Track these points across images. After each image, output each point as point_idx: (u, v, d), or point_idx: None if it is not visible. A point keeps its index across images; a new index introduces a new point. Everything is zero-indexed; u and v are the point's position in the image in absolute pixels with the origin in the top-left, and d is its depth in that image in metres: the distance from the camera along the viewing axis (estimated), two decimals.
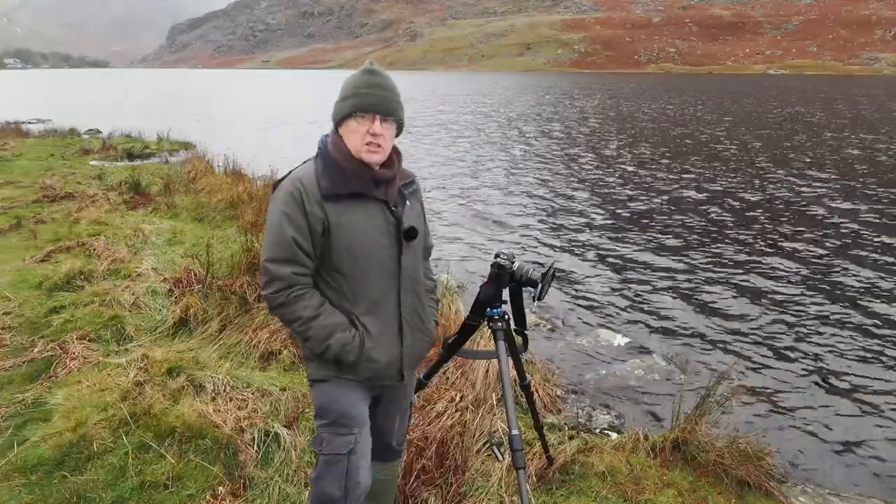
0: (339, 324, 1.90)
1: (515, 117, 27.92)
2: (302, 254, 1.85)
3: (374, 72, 1.91)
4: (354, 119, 1.88)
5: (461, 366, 3.76)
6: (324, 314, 1.89)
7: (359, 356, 1.93)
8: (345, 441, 1.95)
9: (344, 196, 1.87)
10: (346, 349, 1.90)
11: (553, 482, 2.97)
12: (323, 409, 1.98)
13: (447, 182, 12.70)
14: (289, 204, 1.84)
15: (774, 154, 15.95)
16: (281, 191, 1.88)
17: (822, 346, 5.21)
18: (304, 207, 1.83)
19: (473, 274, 6.75)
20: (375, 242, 1.91)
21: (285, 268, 1.85)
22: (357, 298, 1.93)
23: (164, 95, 51.63)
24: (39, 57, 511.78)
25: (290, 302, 1.87)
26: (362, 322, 1.93)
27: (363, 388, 2.02)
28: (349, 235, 1.87)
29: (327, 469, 1.95)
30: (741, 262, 7.39)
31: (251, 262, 4.98)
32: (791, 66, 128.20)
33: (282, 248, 1.84)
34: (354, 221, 1.88)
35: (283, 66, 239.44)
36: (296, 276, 1.86)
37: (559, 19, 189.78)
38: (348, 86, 1.91)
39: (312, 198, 1.84)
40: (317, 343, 1.89)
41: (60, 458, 2.83)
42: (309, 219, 1.84)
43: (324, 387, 1.98)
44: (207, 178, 10.02)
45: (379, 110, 1.88)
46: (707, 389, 3.35)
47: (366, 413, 2.03)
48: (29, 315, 4.47)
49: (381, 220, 1.93)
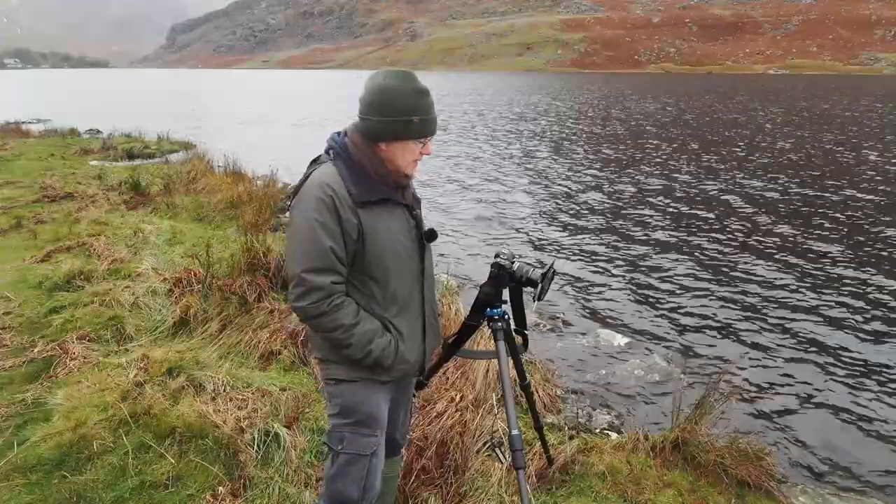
0: (376, 329, 1.91)
1: (515, 117, 27.91)
2: (338, 262, 1.83)
3: (426, 92, 1.85)
4: (413, 142, 1.86)
5: (461, 366, 3.76)
6: (363, 321, 1.89)
7: (395, 359, 1.95)
8: (369, 442, 1.97)
9: (375, 202, 1.86)
10: (386, 353, 1.92)
11: (553, 482, 2.97)
12: (350, 409, 1.97)
13: (447, 182, 12.71)
14: (322, 212, 1.78)
15: (778, 155, 15.95)
16: (310, 198, 1.80)
17: (823, 345, 5.22)
18: (338, 215, 1.79)
19: (473, 274, 6.75)
20: (403, 246, 1.94)
21: (325, 277, 1.81)
22: (388, 302, 1.95)
23: (164, 95, 51.59)
24: (39, 57, 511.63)
25: (331, 311, 1.83)
26: (394, 325, 1.96)
27: (388, 390, 2.05)
28: (382, 240, 1.88)
29: (347, 469, 1.96)
30: (741, 262, 7.39)
31: (251, 262, 4.98)
32: (791, 66, 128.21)
33: (319, 257, 1.80)
34: (386, 226, 1.89)
35: (283, 67, 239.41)
36: (334, 284, 1.83)
37: (559, 19, 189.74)
38: (405, 107, 1.81)
39: (346, 204, 1.80)
40: (358, 349, 1.88)
41: (60, 458, 2.83)
42: (344, 226, 1.80)
43: (354, 386, 1.97)
44: (207, 178, 10.01)
45: (434, 132, 1.90)
46: (707, 389, 3.36)
47: (386, 419, 2.06)
48: (29, 315, 4.47)
49: (404, 224, 1.96)
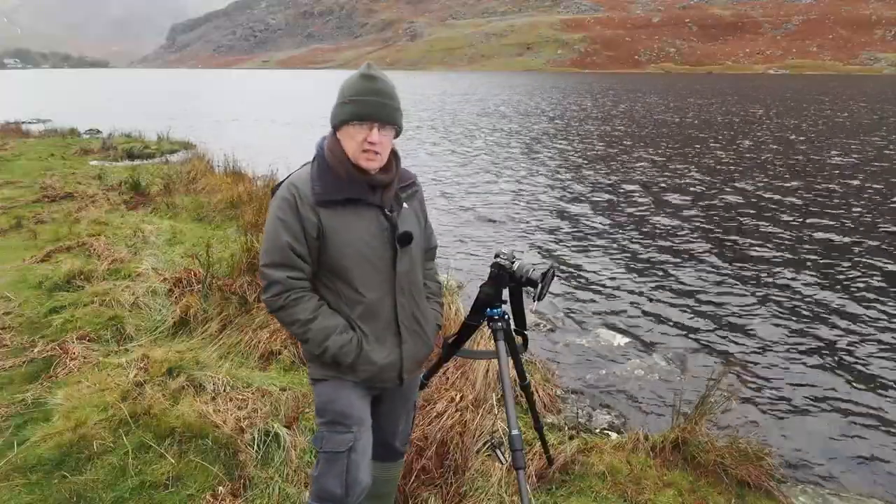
0: (336, 326, 1.92)
1: (514, 117, 27.92)
2: (297, 258, 1.87)
3: (373, 77, 1.86)
4: (352, 126, 1.86)
5: (461, 366, 3.76)
6: (321, 316, 1.91)
7: (356, 358, 1.95)
8: (343, 439, 1.97)
9: (338, 201, 1.87)
10: (344, 351, 1.92)
11: (553, 482, 2.97)
12: (322, 408, 2.01)
13: (447, 181, 12.70)
14: (284, 210, 1.85)
15: (780, 157, 15.95)
16: (277, 196, 1.90)
17: (823, 346, 5.22)
18: (298, 212, 1.84)
19: (473, 274, 6.75)
20: (369, 247, 1.91)
21: (281, 272, 1.87)
22: (353, 302, 1.94)
23: (164, 95, 51.58)
24: (39, 57, 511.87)
25: (288, 305, 1.89)
26: (359, 325, 1.95)
27: (363, 387, 2.04)
28: (342, 240, 1.88)
29: (328, 467, 1.98)
30: (741, 262, 7.39)
31: (251, 262, 4.98)
32: (791, 66, 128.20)
33: (277, 252, 1.87)
34: (348, 227, 1.88)
35: (283, 67, 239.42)
36: (291, 279, 1.88)
37: (559, 19, 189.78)
38: (346, 90, 1.87)
39: (306, 202, 1.85)
40: (314, 345, 1.91)
41: (60, 458, 2.83)
42: (304, 224, 1.85)
43: (323, 386, 2.01)
44: (207, 178, 10.00)
45: (377, 118, 1.85)
46: (707, 389, 3.36)
47: (366, 411, 2.04)
48: (29, 315, 4.47)
49: (374, 226, 1.92)
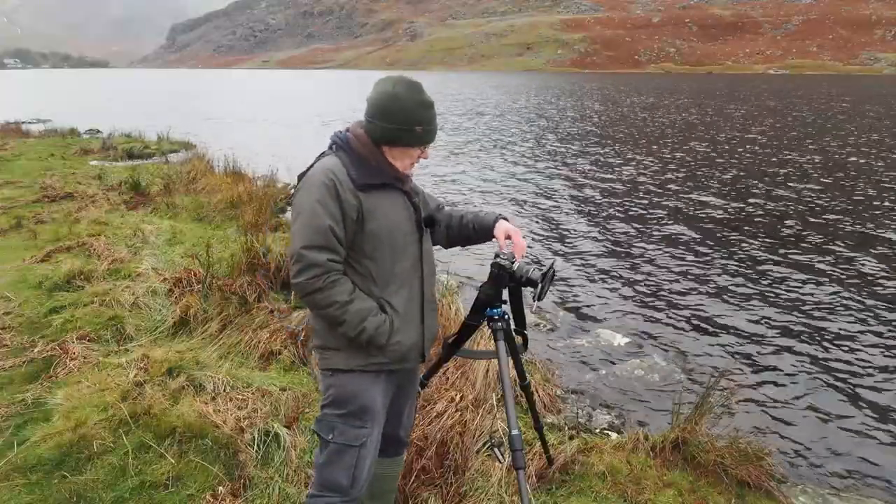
0: (371, 308, 1.98)
1: (514, 116, 27.92)
2: (337, 242, 1.92)
3: (432, 104, 2.01)
4: (415, 148, 2.03)
5: (461, 366, 3.76)
6: (357, 299, 1.96)
7: (389, 338, 2.00)
8: (359, 434, 2.02)
9: (375, 186, 1.98)
10: (380, 331, 1.98)
11: (553, 482, 2.97)
12: (343, 399, 2.03)
13: (447, 181, 12.71)
14: (323, 194, 1.91)
15: (782, 157, 15.95)
16: (313, 182, 1.94)
17: (823, 346, 5.21)
18: (339, 197, 1.91)
19: (473, 274, 6.75)
20: (402, 229, 2.04)
21: (322, 255, 1.90)
22: (386, 283, 2.02)
23: (164, 95, 51.57)
24: (39, 57, 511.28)
25: (327, 287, 1.92)
26: (391, 304, 2.03)
27: (386, 382, 2.09)
28: (380, 222, 1.98)
29: (337, 457, 2.03)
30: (741, 262, 7.39)
31: (251, 262, 4.99)
32: (791, 66, 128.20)
33: (320, 235, 1.90)
34: (385, 209, 2.00)
35: (283, 67, 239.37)
36: (331, 262, 1.92)
37: (559, 19, 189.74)
38: (412, 117, 1.96)
39: (347, 188, 1.92)
40: (351, 326, 1.94)
41: (60, 458, 2.83)
42: (344, 206, 1.91)
43: (349, 377, 2.03)
44: (207, 178, 10.00)
45: (433, 140, 2.06)
46: (707, 389, 3.36)
47: (383, 413, 2.11)
48: (29, 315, 4.47)
49: (404, 209, 2.07)
